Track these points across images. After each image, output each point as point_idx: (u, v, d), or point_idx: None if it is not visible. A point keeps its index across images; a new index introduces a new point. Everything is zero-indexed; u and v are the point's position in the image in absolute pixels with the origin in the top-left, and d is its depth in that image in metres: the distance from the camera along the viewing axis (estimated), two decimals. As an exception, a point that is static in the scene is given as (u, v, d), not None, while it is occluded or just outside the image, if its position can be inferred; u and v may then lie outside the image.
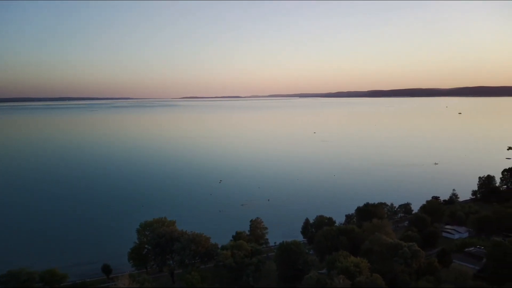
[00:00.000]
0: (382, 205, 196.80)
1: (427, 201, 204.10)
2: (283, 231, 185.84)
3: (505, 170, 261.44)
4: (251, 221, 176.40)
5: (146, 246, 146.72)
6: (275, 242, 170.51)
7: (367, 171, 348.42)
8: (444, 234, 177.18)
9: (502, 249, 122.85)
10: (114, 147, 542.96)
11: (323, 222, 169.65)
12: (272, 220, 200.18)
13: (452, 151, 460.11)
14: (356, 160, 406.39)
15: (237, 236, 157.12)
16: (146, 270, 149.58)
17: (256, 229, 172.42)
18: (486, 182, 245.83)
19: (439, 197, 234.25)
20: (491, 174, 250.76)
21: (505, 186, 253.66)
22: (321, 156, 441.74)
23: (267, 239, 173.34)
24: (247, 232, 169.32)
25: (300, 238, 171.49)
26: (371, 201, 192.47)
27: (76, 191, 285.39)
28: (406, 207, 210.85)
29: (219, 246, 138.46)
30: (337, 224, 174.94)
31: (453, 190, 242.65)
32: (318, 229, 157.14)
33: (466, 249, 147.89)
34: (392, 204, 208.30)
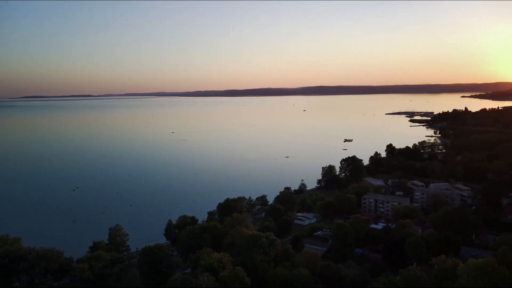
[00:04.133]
0: (241, 199, 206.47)
1: (281, 192, 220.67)
2: (146, 236, 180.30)
3: (343, 160, 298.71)
4: (110, 229, 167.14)
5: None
6: (137, 248, 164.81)
7: (226, 167, 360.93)
8: (296, 221, 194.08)
9: (343, 230, 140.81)
10: None
11: (186, 221, 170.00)
12: (134, 225, 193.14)
13: (300, 144, 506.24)
14: (215, 157, 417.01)
15: (95, 247, 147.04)
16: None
17: (116, 237, 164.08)
18: (328, 171, 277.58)
19: (290, 187, 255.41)
20: (332, 164, 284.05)
21: (344, 174, 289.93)
22: (181, 155, 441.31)
23: (128, 246, 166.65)
24: (106, 241, 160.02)
25: (163, 240, 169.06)
26: (231, 197, 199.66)
27: None
28: (262, 199, 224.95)
29: (75, 259, 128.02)
30: (200, 222, 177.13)
31: (302, 180, 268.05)
32: (182, 229, 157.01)
33: (315, 233, 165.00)
34: (250, 198, 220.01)
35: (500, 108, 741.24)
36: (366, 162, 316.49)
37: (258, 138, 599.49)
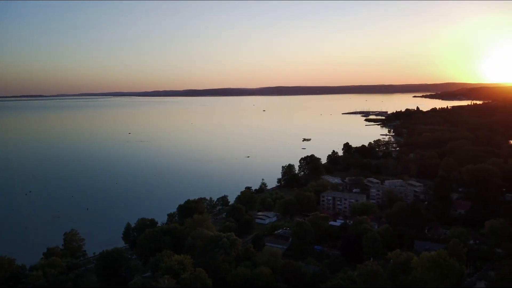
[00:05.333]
0: (202, 200, 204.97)
1: (242, 192, 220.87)
2: (103, 240, 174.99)
3: (301, 159, 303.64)
4: (65, 234, 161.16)
5: None
6: (94, 253, 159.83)
7: (186, 168, 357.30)
8: (257, 220, 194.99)
9: (303, 228, 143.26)
10: None
11: (145, 224, 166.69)
12: (91, 229, 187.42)
13: (260, 144, 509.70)
14: (175, 158, 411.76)
15: (49, 253, 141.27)
16: None
17: (72, 242, 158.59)
18: (288, 170, 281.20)
19: (251, 187, 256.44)
20: (291, 163, 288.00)
21: (302, 173, 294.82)
22: (139, 157, 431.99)
23: (84, 251, 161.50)
24: (61, 247, 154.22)
25: (121, 244, 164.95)
26: (191, 198, 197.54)
27: None
28: (223, 200, 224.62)
29: (28, 267, 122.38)
30: (159, 224, 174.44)
31: (262, 179, 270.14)
32: (141, 232, 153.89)
33: (276, 232, 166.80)
34: (211, 198, 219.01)
35: (449, 108, 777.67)
36: (324, 160, 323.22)
37: (218, 138, 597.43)
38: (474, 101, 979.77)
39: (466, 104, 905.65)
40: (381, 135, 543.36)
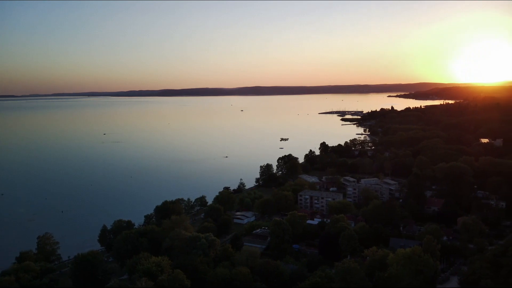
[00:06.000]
0: (179, 201, 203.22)
1: (220, 192, 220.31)
2: (79, 243, 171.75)
3: (279, 158, 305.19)
4: (38, 237, 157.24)
5: None
6: (68, 257, 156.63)
7: (164, 169, 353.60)
8: (235, 220, 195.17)
9: (281, 227, 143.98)
10: None
11: (121, 226, 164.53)
12: (66, 232, 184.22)
13: (238, 144, 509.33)
14: (151, 159, 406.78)
15: (22, 257, 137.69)
16: None
17: (45, 246, 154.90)
18: (266, 170, 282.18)
19: (229, 187, 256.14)
20: (270, 162, 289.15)
21: (280, 172, 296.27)
22: (115, 158, 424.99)
23: (59, 254, 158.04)
24: (35, 251, 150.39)
25: (97, 247, 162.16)
26: (169, 199, 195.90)
27: None
28: (201, 200, 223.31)
29: (0, 272, 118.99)
30: (136, 226, 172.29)
31: (241, 179, 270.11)
32: (117, 235, 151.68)
33: (254, 231, 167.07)
34: (189, 199, 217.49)
35: (422, 107, 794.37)
36: (301, 160, 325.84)
37: (196, 138, 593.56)
38: (447, 101, 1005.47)
39: (438, 103, 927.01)
40: (357, 134, 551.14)
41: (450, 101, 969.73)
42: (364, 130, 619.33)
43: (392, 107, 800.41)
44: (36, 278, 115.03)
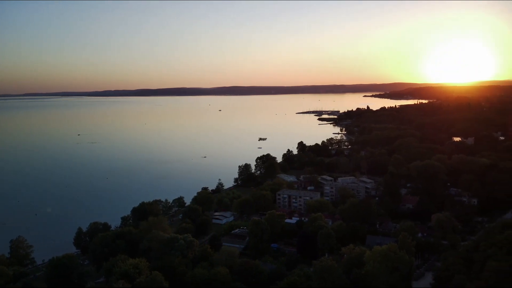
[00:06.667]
0: (157, 202, 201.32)
1: (198, 193, 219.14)
2: (53, 246, 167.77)
3: (258, 158, 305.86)
4: (11, 241, 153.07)
5: None
6: (43, 260, 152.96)
7: (141, 170, 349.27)
8: (214, 220, 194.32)
9: (259, 227, 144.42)
10: None
11: (97, 228, 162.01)
12: (40, 236, 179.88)
13: (217, 144, 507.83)
14: (128, 160, 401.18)
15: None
16: None
17: (18, 250, 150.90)
18: (244, 169, 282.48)
19: (208, 187, 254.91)
20: (248, 162, 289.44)
21: (259, 172, 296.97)
22: (90, 159, 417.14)
23: (33, 258, 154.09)
24: (7, 255, 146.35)
25: (73, 250, 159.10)
26: (146, 200, 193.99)
27: None
28: (179, 201, 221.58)
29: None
30: (113, 228, 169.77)
31: (219, 179, 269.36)
32: (93, 237, 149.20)
33: (233, 231, 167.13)
34: (166, 200, 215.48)
35: (397, 106, 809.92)
36: (279, 159, 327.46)
37: (174, 139, 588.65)
38: (420, 100, 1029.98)
39: (413, 103, 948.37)
40: (333, 133, 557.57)
41: (424, 101, 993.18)
42: (341, 130, 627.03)
43: (367, 107, 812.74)
44: (9, 283, 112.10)
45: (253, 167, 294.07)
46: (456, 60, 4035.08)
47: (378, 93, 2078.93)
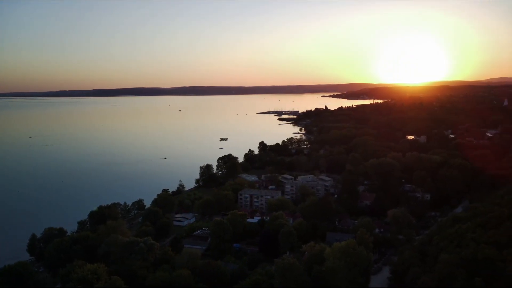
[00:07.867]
0: (115, 205, 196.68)
1: (158, 195, 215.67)
2: (5, 254, 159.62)
3: (219, 158, 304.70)
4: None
5: None
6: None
7: (98, 172, 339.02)
8: (175, 222, 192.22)
9: (221, 227, 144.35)
10: None
11: (52, 234, 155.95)
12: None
13: (177, 145, 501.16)
14: (85, 162, 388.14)
15: None
16: None
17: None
18: (206, 170, 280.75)
19: (168, 189, 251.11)
20: (209, 163, 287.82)
21: (220, 172, 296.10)
22: (43, 162, 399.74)
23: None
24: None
25: (26, 257, 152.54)
26: (104, 203, 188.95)
27: None
28: (139, 203, 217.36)
29: None
30: (69, 233, 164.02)
31: (180, 181, 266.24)
32: (48, 243, 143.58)
33: (194, 233, 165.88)
34: (125, 203, 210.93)
35: (354, 106, 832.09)
36: (241, 159, 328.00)
37: (132, 140, 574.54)
38: (376, 100, 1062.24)
39: (368, 103, 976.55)
40: (293, 133, 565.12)
41: (379, 101, 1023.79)
42: (300, 129, 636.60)
43: (326, 107, 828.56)
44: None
45: (214, 168, 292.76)
46: (409, 61, 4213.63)
47: (335, 93, 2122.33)
